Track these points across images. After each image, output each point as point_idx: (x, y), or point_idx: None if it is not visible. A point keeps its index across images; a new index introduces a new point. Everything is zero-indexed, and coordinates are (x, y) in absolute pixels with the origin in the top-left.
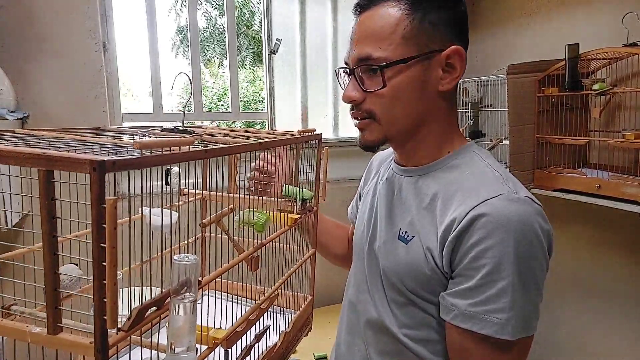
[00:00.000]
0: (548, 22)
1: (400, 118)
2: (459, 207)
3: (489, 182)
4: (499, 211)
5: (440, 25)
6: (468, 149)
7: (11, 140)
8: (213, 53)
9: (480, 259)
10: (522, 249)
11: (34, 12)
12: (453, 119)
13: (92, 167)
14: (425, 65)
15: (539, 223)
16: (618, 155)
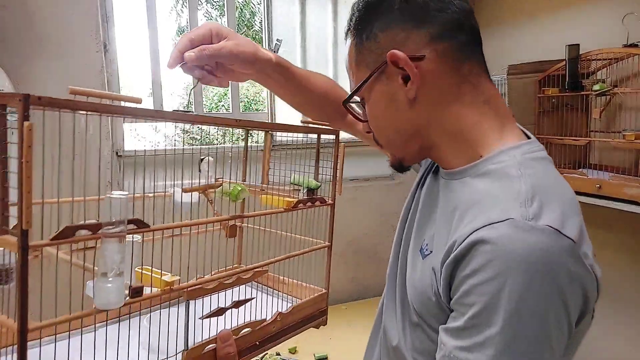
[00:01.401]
0: (548, 22)
1: (391, 136)
2: (465, 226)
3: (506, 199)
4: (502, 240)
5: (379, 34)
6: (510, 152)
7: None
8: None
9: (470, 294)
10: (525, 293)
11: (35, 12)
12: (475, 115)
13: (19, 99)
14: (384, 81)
15: (563, 263)
16: (618, 155)
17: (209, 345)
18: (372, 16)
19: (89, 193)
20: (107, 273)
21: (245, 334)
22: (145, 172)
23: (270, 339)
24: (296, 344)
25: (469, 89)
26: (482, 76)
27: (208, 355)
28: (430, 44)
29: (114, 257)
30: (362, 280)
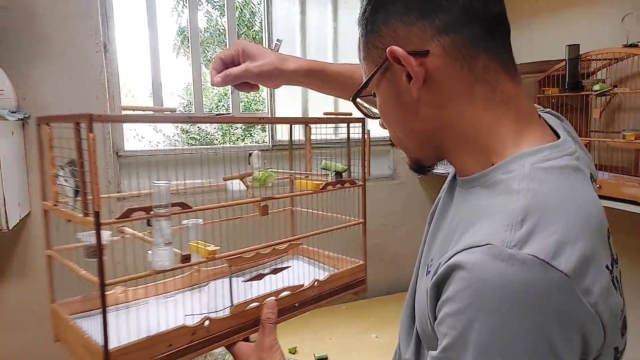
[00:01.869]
0: (548, 23)
1: (403, 137)
2: (454, 247)
3: (497, 220)
4: (476, 268)
5: (381, 26)
6: (521, 160)
7: None
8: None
9: (443, 323)
10: (497, 333)
11: (35, 12)
12: (491, 119)
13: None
14: (390, 78)
15: (548, 301)
16: (618, 155)
17: (251, 304)
18: (376, 7)
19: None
20: (159, 244)
21: (285, 297)
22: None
23: (309, 302)
24: (296, 344)
25: (483, 88)
26: (500, 72)
27: (250, 312)
28: (435, 37)
29: (164, 231)
30: None
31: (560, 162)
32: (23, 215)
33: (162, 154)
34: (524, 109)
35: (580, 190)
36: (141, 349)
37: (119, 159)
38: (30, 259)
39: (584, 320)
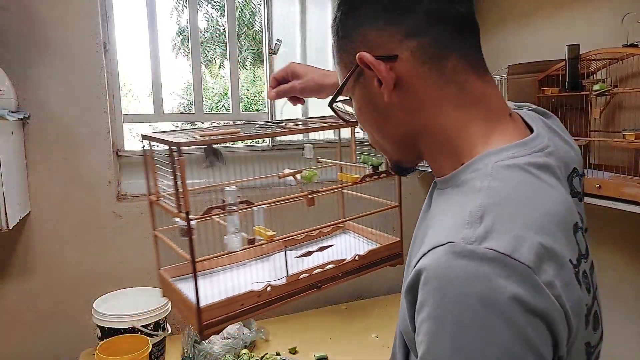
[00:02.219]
0: (548, 22)
1: (380, 140)
2: (421, 247)
3: (459, 219)
4: (437, 268)
5: (352, 32)
6: (486, 159)
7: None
8: (214, 54)
9: (419, 330)
10: (466, 330)
11: (35, 13)
12: (462, 119)
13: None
14: (362, 83)
15: (511, 292)
16: (618, 155)
17: (302, 274)
18: (347, 13)
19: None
20: (231, 231)
21: (330, 269)
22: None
23: (352, 272)
24: (296, 344)
25: (454, 90)
26: (469, 73)
27: (302, 281)
28: (404, 41)
29: (235, 222)
30: (362, 279)
31: (525, 160)
32: (23, 215)
33: (162, 154)
34: (494, 108)
35: (544, 188)
36: (221, 306)
37: (119, 159)
38: (30, 259)
39: (548, 311)
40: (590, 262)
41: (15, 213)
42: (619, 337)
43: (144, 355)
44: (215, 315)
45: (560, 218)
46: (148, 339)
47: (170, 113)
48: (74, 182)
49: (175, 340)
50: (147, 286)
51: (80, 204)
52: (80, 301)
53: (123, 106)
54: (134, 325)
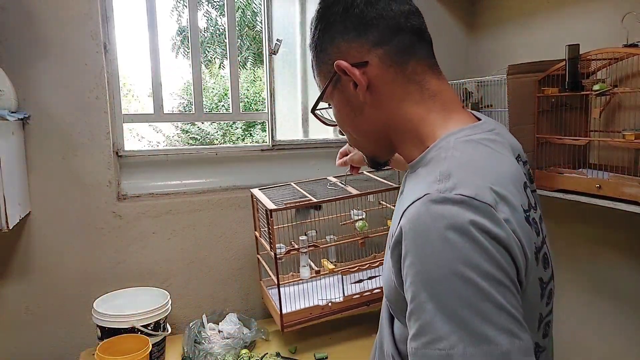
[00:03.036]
0: (548, 22)
1: (357, 137)
2: (400, 212)
3: (429, 180)
4: (417, 217)
5: (328, 46)
6: (448, 138)
7: None
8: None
9: (406, 279)
10: (447, 266)
11: (34, 13)
12: (422, 111)
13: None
14: (340, 88)
15: (478, 223)
16: (618, 155)
17: (355, 296)
18: (321, 32)
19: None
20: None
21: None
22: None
23: None
24: (296, 344)
25: (415, 87)
26: (427, 73)
27: (354, 300)
28: (372, 50)
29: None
30: None
31: (479, 137)
32: (23, 215)
33: (162, 154)
34: (449, 101)
35: (496, 155)
36: (296, 313)
37: (119, 159)
38: (31, 259)
39: (508, 241)
40: (539, 214)
41: (15, 213)
42: (619, 337)
43: (144, 355)
44: (292, 319)
45: (512, 175)
46: (148, 338)
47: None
48: (74, 182)
49: (175, 340)
50: (147, 286)
51: (81, 204)
52: (80, 301)
53: (123, 106)
54: (134, 325)
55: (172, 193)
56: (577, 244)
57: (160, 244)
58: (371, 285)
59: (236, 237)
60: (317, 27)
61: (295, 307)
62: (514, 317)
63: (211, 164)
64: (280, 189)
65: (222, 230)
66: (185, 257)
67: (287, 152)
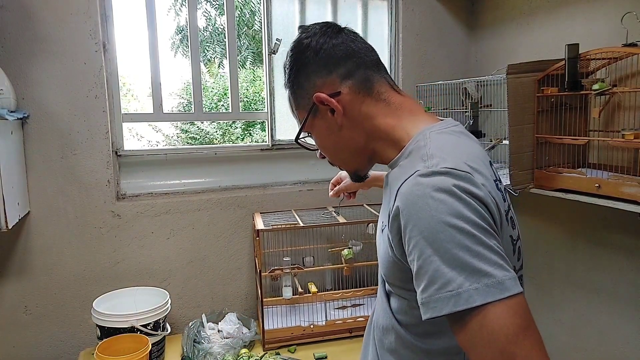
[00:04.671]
0: (548, 22)
1: (341, 156)
2: (393, 194)
3: (416, 162)
4: (411, 190)
5: (305, 83)
6: (422, 133)
7: None
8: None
9: (410, 244)
10: (436, 216)
11: (34, 12)
12: (393, 120)
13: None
14: (319, 117)
15: (461, 186)
16: (618, 155)
17: (337, 321)
18: (296, 72)
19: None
20: (287, 286)
21: (359, 321)
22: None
23: None
24: (296, 344)
25: (383, 104)
26: (389, 92)
27: (336, 325)
28: (343, 82)
29: (288, 279)
30: None
31: (448, 129)
32: (22, 215)
33: (162, 154)
34: (414, 108)
35: (464, 141)
36: (279, 331)
37: (118, 159)
38: (30, 259)
39: (485, 200)
40: (503, 186)
41: (14, 213)
42: (619, 336)
43: (144, 355)
44: (274, 336)
45: (479, 154)
46: (147, 338)
47: (170, 112)
48: (73, 182)
49: (175, 339)
50: (147, 285)
51: (80, 203)
52: (80, 301)
53: (122, 106)
54: (134, 324)
55: (171, 192)
56: (576, 243)
57: (160, 244)
58: (356, 312)
59: (235, 236)
60: (292, 68)
61: (279, 325)
62: (501, 256)
63: (211, 163)
64: (281, 214)
65: (221, 230)
66: (184, 257)
67: (287, 151)
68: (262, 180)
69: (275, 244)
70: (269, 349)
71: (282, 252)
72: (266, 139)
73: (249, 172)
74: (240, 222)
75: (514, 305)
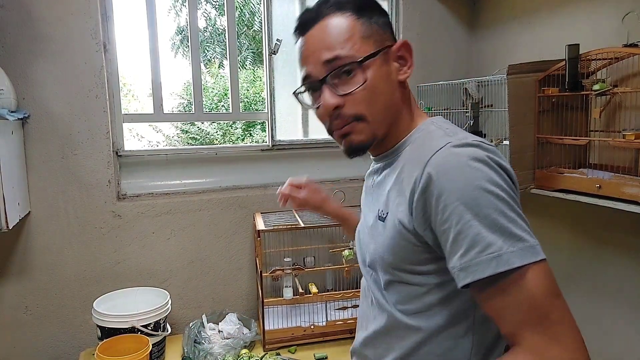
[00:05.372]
0: (548, 22)
1: (383, 111)
2: (416, 168)
3: (437, 137)
4: (446, 159)
5: (383, 26)
6: (428, 122)
7: None
8: (213, 53)
9: (445, 212)
10: (473, 183)
11: (34, 12)
12: (413, 103)
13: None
14: (386, 59)
15: (492, 158)
16: (618, 155)
17: (338, 322)
18: (379, 10)
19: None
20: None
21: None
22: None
23: None
24: (296, 344)
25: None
26: None
27: (338, 325)
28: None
29: (289, 279)
30: None
31: (447, 120)
32: (23, 215)
33: (162, 154)
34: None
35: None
36: (279, 332)
37: (119, 159)
38: (30, 259)
39: (510, 171)
40: None
41: (15, 213)
42: (621, 336)
43: (144, 355)
44: (274, 337)
45: None
46: (148, 338)
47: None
48: (73, 182)
49: (175, 340)
50: (147, 286)
51: (80, 203)
52: (80, 301)
53: (123, 106)
54: (134, 325)
55: (171, 193)
56: (577, 243)
57: (160, 244)
58: (356, 313)
59: (236, 236)
60: (375, 4)
61: (279, 326)
62: (528, 224)
63: (211, 163)
64: (282, 214)
65: (222, 230)
66: (185, 257)
67: (287, 152)
68: (263, 180)
69: (276, 245)
70: (270, 349)
71: (282, 253)
72: (266, 139)
73: (249, 172)
74: (241, 222)
75: (545, 269)
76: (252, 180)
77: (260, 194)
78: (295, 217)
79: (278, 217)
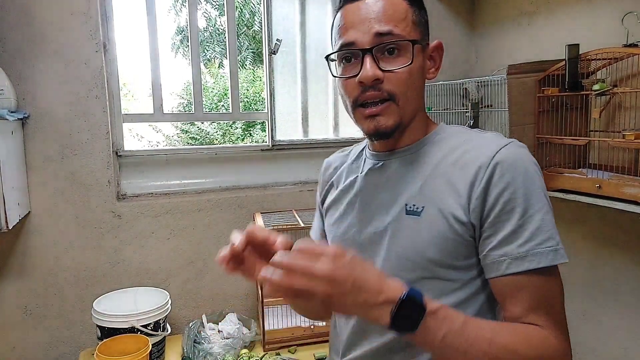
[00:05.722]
0: (548, 22)
1: (413, 100)
2: (478, 158)
3: (494, 137)
4: (516, 155)
5: (424, 22)
6: (445, 127)
7: None
8: (213, 53)
9: (511, 202)
10: (538, 181)
11: (34, 12)
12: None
13: None
14: (425, 53)
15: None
16: (618, 155)
17: None
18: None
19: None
20: None
21: None
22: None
23: None
24: (296, 344)
25: None
26: None
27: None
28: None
29: None
30: None
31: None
32: (23, 215)
33: (162, 154)
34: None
35: None
36: (279, 332)
37: (118, 159)
38: (30, 259)
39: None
40: None
41: (15, 213)
42: (619, 336)
43: (144, 355)
44: (274, 337)
45: None
46: (148, 338)
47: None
48: (73, 182)
49: (175, 340)
50: (147, 286)
51: (80, 203)
52: (80, 301)
53: (123, 106)
54: (134, 325)
55: (171, 193)
56: (577, 243)
57: (160, 244)
58: None
59: None
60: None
61: (279, 326)
62: None
63: (211, 163)
64: (282, 214)
65: (221, 230)
66: (184, 257)
67: (287, 152)
68: (263, 180)
69: None
70: (270, 349)
71: None
72: (266, 139)
73: (249, 173)
74: (240, 223)
75: None
76: (252, 180)
77: (260, 194)
78: (295, 217)
79: (278, 217)
